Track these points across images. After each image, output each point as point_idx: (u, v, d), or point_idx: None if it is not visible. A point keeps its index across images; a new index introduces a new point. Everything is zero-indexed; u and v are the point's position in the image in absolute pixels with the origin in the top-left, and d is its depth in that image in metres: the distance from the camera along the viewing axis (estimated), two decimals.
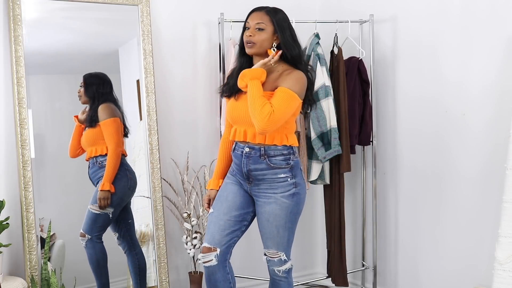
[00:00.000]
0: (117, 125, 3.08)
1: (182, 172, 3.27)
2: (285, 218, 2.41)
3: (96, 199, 3.01)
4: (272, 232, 2.43)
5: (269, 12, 2.40)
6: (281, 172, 2.40)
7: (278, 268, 2.49)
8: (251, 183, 2.44)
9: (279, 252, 2.46)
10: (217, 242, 2.43)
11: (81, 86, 3.06)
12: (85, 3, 3.03)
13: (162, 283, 3.19)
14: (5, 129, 2.88)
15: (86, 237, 3.02)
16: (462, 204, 3.00)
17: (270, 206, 2.40)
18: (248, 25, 2.41)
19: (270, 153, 2.39)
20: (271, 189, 2.40)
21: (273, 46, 2.40)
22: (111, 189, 3.01)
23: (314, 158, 3.22)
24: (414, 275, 3.32)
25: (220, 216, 2.46)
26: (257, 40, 2.38)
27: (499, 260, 2.59)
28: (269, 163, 2.39)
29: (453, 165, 3.02)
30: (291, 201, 2.40)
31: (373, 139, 3.40)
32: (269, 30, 2.38)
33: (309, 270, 3.84)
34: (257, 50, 2.39)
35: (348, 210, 3.55)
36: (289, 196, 2.39)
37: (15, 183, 2.88)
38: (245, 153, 2.41)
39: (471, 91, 2.91)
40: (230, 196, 2.48)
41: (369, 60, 3.36)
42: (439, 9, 3.07)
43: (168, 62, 3.31)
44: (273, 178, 2.40)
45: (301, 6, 3.67)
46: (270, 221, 2.41)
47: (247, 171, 2.42)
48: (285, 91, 2.30)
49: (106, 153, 3.04)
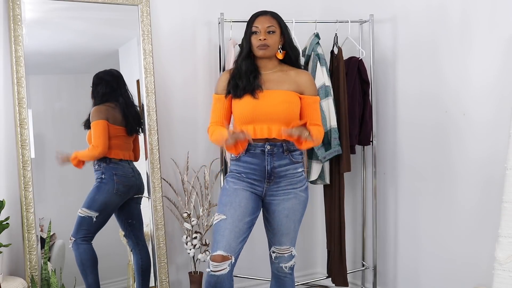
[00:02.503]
0: (100, 127, 3.07)
1: (182, 172, 3.27)
2: (302, 211, 2.51)
3: (83, 202, 3.04)
4: (289, 227, 2.49)
5: (274, 15, 2.53)
6: (299, 166, 2.51)
7: (286, 264, 2.53)
8: (270, 182, 2.46)
9: (291, 247, 2.52)
10: (233, 250, 2.34)
11: (91, 86, 3.11)
12: (85, 3, 3.03)
13: (162, 283, 3.19)
14: (5, 129, 2.88)
15: (71, 239, 3.04)
16: (462, 204, 2.99)
17: (290, 202, 2.47)
18: (256, 30, 2.48)
19: (291, 148, 2.47)
20: (291, 185, 2.47)
21: (279, 48, 2.52)
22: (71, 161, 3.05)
23: (314, 158, 3.22)
24: (414, 275, 3.32)
25: (235, 223, 2.37)
26: (271, 43, 2.48)
27: (499, 260, 2.59)
28: (291, 158, 2.47)
29: (453, 165, 3.02)
30: (306, 195, 2.52)
31: (373, 139, 3.39)
32: (278, 32, 2.50)
33: (309, 270, 3.84)
34: (271, 52, 2.50)
35: (348, 210, 3.55)
36: (305, 190, 2.52)
37: (15, 183, 2.88)
38: (268, 151, 2.43)
39: (471, 91, 2.91)
40: (243, 202, 2.43)
41: (369, 60, 3.36)
42: (439, 9, 3.07)
43: (168, 62, 3.31)
44: (294, 173, 2.48)
45: (301, 6, 3.67)
46: (290, 217, 2.48)
47: (271, 169, 2.44)
48: (316, 101, 2.53)
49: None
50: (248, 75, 2.48)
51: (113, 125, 3.10)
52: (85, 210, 3.03)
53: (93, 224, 3.05)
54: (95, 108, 3.08)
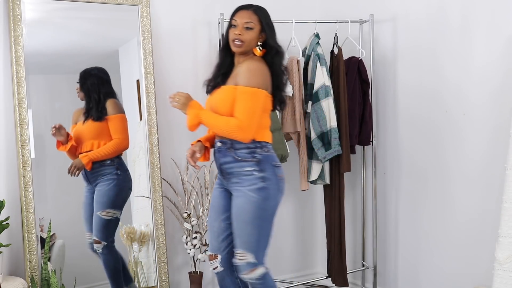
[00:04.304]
0: (126, 121, 3.10)
1: (182, 172, 3.27)
2: (253, 214, 2.32)
3: (103, 204, 3.01)
4: (240, 228, 2.36)
5: (256, 11, 2.41)
6: (247, 165, 2.35)
7: (244, 275, 2.38)
8: (225, 179, 2.45)
9: (247, 254, 2.35)
10: (216, 249, 2.49)
11: (77, 82, 3.06)
12: (85, 3, 3.03)
13: (162, 283, 3.18)
14: (5, 129, 2.88)
15: (102, 243, 3.02)
16: (462, 204, 3.00)
17: (238, 200, 2.37)
18: (235, 23, 2.41)
19: (236, 146, 2.36)
20: (238, 183, 2.37)
21: (258, 45, 2.41)
22: (87, 166, 2.99)
23: (314, 158, 3.22)
24: (414, 275, 3.32)
25: (212, 223, 2.51)
26: (246, 39, 2.38)
27: (499, 260, 2.59)
28: (235, 156, 2.37)
29: (453, 165, 3.02)
30: (258, 196, 2.32)
31: (373, 139, 3.40)
32: (257, 29, 2.39)
33: (309, 270, 3.84)
34: (245, 49, 2.40)
35: (348, 210, 3.55)
36: (256, 190, 2.32)
37: (15, 183, 2.88)
38: (217, 148, 2.44)
39: (471, 91, 2.91)
40: (215, 202, 2.51)
41: (369, 60, 3.36)
42: (439, 9, 3.07)
43: (168, 62, 3.31)
44: (239, 171, 2.36)
45: (301, 6, 3.67)
46: (238, 217, 2.36)
47: (220, 165, 2.44)
48: (243, 92, 2.29)
49: None
50: (218, 69, 2.47)
51: None
52: (110, 211, 3.00)
53: (118, 223, 3.04)
54: (115, 101, 3.07)
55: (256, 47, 2.41)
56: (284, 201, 3.71)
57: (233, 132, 2.28)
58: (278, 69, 2.41)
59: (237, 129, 2.27)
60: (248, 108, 2.28)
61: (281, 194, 2.41)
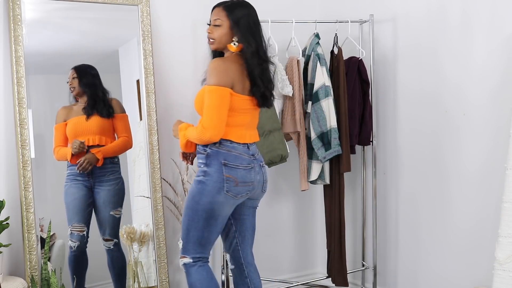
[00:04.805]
0: (129, 121, 3.15)
1: (182, 172, 3.27)
2: (187, 202, 2.39)
3: (116, 203, 3.06)
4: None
5: (226, 7, 2.39)
6: (200, 157, 2.40)
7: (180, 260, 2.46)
8: None
9: (180, 239, 2.45)
10: (225, 249, 2.60)
11: (74, 77, 3.05)
12: (85, 3, 3.03)
13: (162, 283, 3.19)
14: (5, 129, 2.88)
15: (114, 241, 3.09)
16: (462, 204, 3.00)
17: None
18: (209, 22, 2.45)
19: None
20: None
21: (233, 41, 2.39)
22: (100, 161, 3.00)
23: (314, 158, 3.22)
24: (414, 275, 3.32)
25: None
26: (215, 37, 2.41)
27: (499, 260, 2.59)
28: (197, 148, 2.43)
29: (453, 165, 3.02)
30: (195, 187, 2.37)
31: (373, 139, 3.40)
32: (225, 25, 2.38)
33: (309, 270, 3.84)
34: (217, 46, 2.43)
35: (348, 210, 3.55)
36: (196, 181, 2.38)
37: (15, 183, 2.88)
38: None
39: (471, 91, 2.91)
40: None
41: (369, 60, 3.36)
42: (439, 9, 3.07)
43: (168, 62, 3.31)
44: (198, 163, 2.42)
45: (301, 6, 3.67)
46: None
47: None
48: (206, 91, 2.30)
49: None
50: None
51: None
52: (120, 210, 3.10)
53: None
54: (117, 100, 3.13)
55: (231, 43, 2.39)
56: (284, 201, 3.76)
57: (201, 135, 2.30)
58: (252, 65, 2.35)
59: (202, 130, 2.29)
60: (206, 107, 2.29)
61: (220, 196, 2.34)
